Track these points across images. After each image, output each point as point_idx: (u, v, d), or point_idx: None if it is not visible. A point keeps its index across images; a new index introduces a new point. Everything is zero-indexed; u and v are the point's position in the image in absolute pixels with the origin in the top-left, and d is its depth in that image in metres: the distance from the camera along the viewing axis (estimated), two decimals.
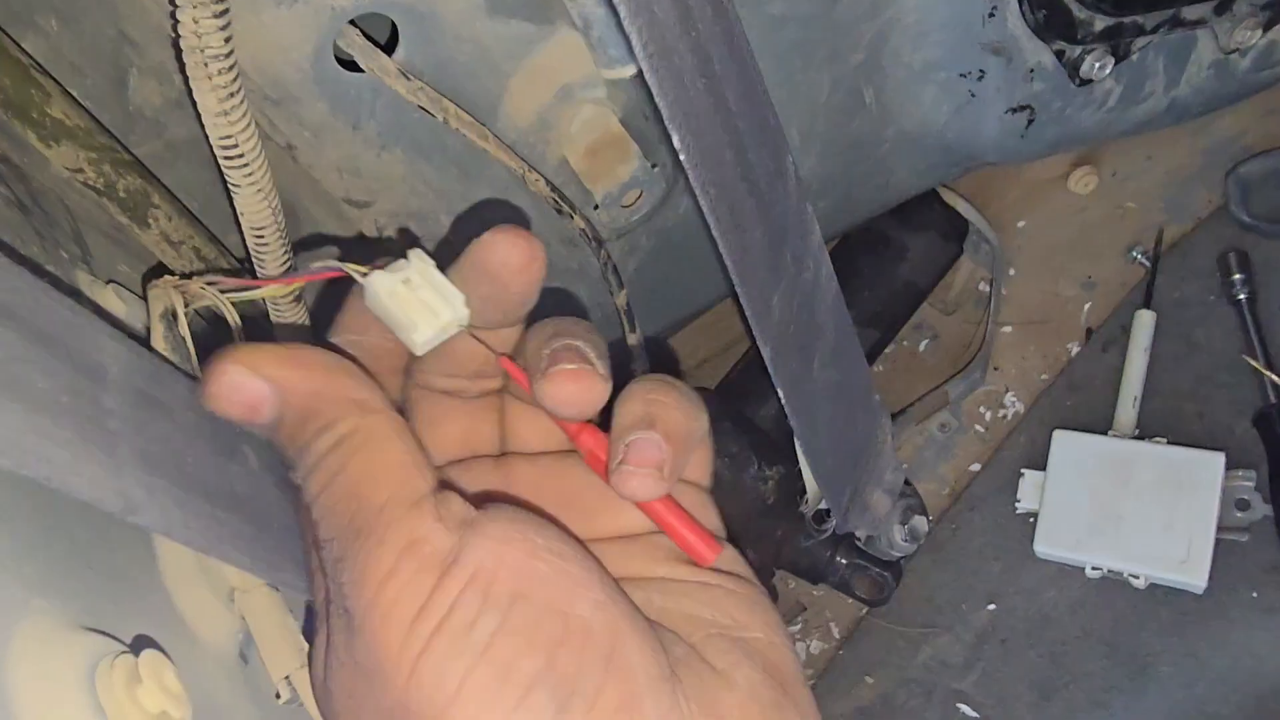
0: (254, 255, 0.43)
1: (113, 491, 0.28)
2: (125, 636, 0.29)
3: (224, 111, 0.37)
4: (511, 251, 0.31)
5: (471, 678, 0.26)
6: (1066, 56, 0.66)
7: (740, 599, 0.32)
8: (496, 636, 0.27)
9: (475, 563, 0.27)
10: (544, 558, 0.28)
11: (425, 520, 0.28)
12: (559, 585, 0.28)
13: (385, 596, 0.27)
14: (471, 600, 0.27)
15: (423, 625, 0.27)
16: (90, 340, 0.31)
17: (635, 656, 0.28)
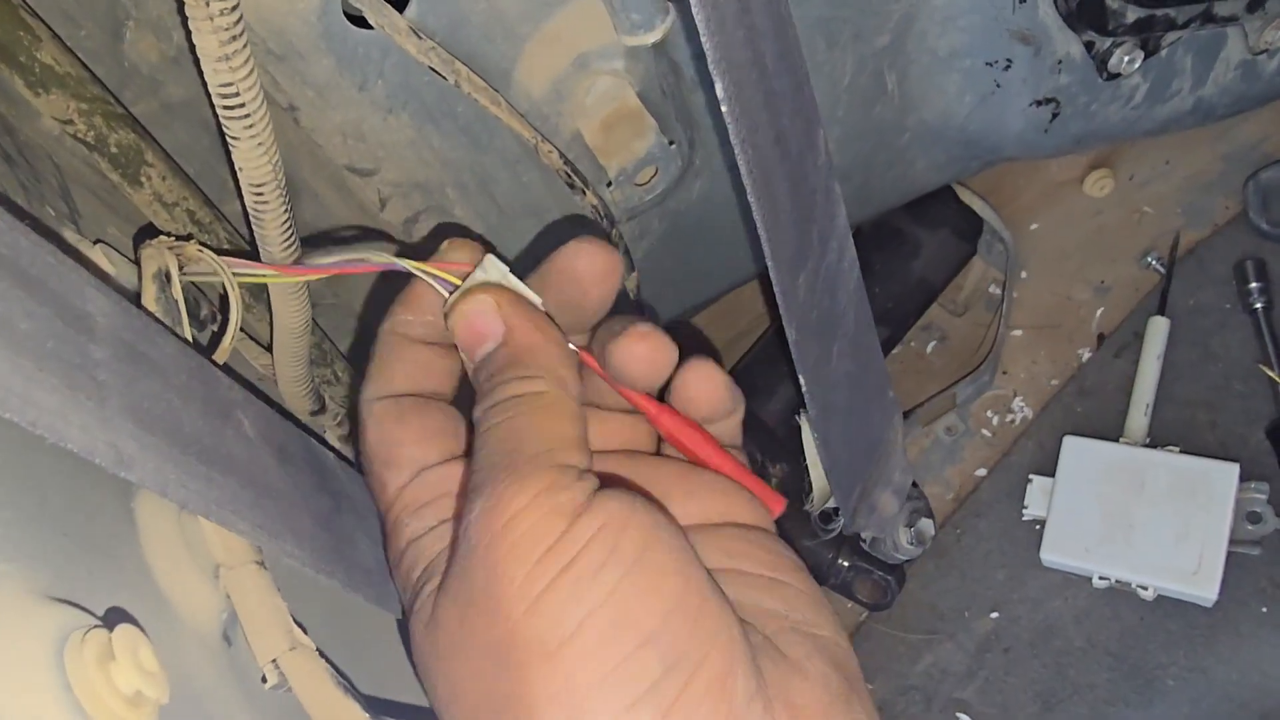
0: (253, 215, 0.41)
1: (103, 442, 0.25)
2: (98, 609, 0.27)
3: (225, 56, 0.35)
4: (595, 259, 0.35)
5: (590, 620, 0.27)
6: (1096, 49, 0.64)
7: (808, 598, 0.34)
8: (621, 585, 0.28)
9: (607, 515, 0.29)
10: (670, 529, 0.30)
11: (568, 474, 0.30)
12: (681, 553, 0.29)
13: (516, 529, 0.28)
14: (600, 548, 0.28)
15: (550, 562, 0.28)
16: (76, 289, 0.29)
17: (735, 635, 0.29)
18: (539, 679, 0.27)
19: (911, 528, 0.80)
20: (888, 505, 0.71)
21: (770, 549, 0.35)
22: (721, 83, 0.32)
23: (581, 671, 0.27)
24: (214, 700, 0.31)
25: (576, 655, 0.27)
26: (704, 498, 0.36)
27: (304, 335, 0.48)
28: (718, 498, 0.36)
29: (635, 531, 0.29)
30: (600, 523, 0.29)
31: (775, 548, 0.36)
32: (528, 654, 0.27)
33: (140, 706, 0.25)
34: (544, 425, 0.31)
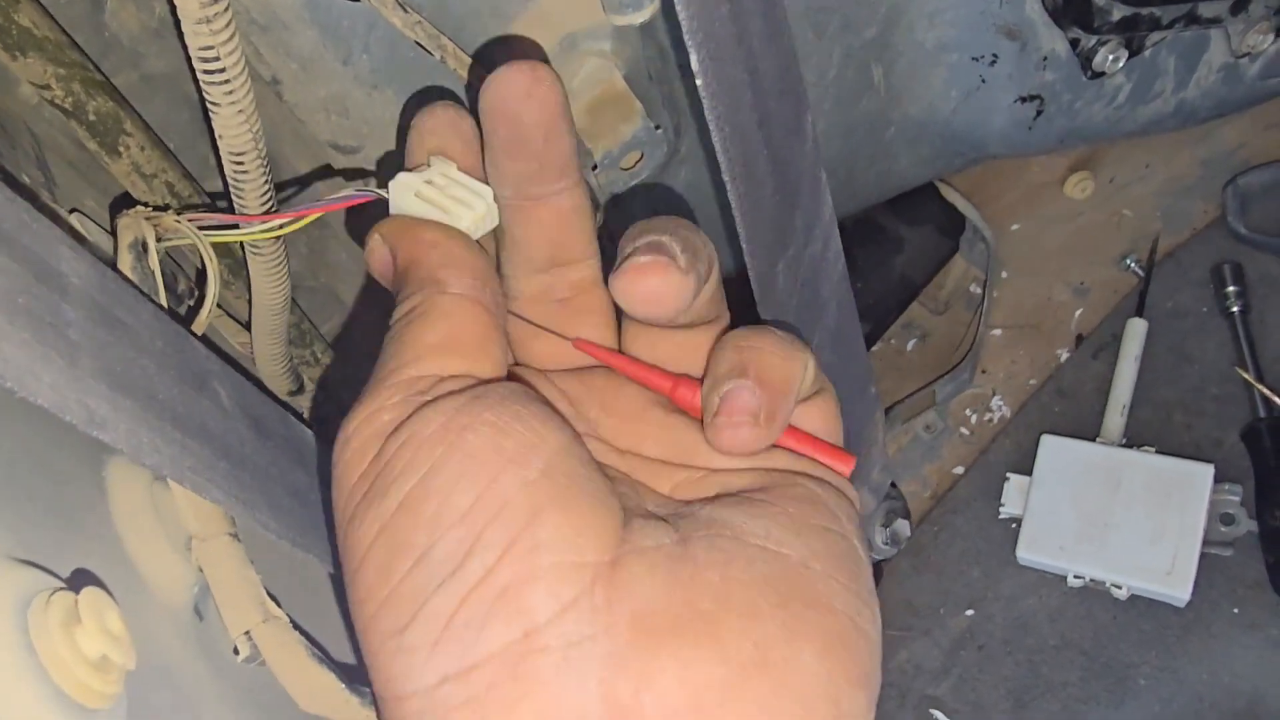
0: (232, 186, 0.40)
1: (75, 401, 0.25)
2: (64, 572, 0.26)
3: (206, 19, 0.34)
4: (512, 78, 0.31)
5: (373, 546, 0.27)
6: (1081, 46, 0.64)
7: (798, 524, 0.29)
8: (402, 506, 0.27)
9: (410, 431, 0.27)
10: (481, 431, 0.27)
11: (396, 393, 0.29)
12: (483, 458, 0.27)
13: (345, 453, 0.29)
14: (396, 465, 0.27)
15: (359, 486, 0.28)
16: (49, 248, 0.28)
17: (549, 537, 0.26)
18: (350, 589, 0.27)
19: (887, 528, 0.80)
20: (865, 504, 0.71)
21: (796, 480, 0.31)
22: (696, 55, 0.32)
23: (365, 603, 0.26)
24: (184, 672, 0.30)
25: (365, 577, 0.27)
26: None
27: (283, 312, 0.47)
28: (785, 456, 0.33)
29: (433, 442, 0.27)
30: (405, 437, 0.27)
31: (799, 490, 0.31)
32: (345, 567, 0.28)
33: (106, 671, 0.24)
34: (404, 340, 0.30)
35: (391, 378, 0.29)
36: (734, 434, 0.29)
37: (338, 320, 0.63)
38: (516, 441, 0.27)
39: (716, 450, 0.30)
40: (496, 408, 0.28)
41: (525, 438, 0.27)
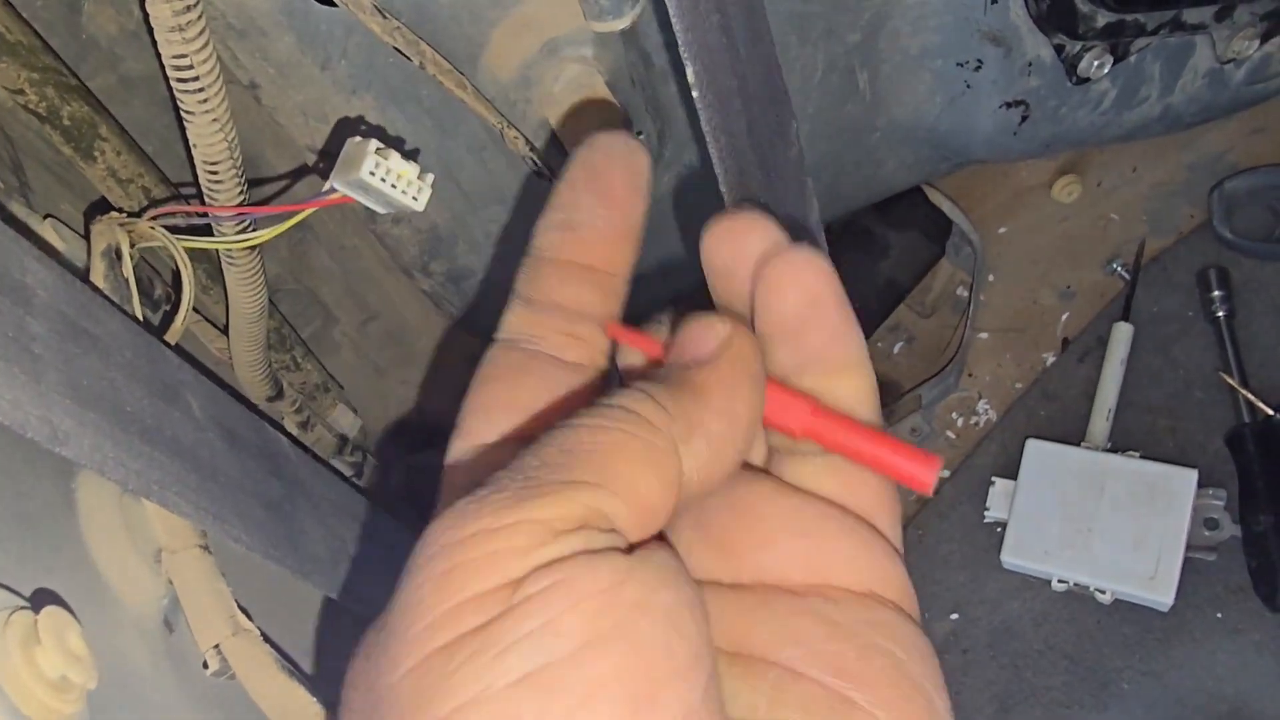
0: (207, 194, 0.40)
1: (37, 417, 0.25)
2: (26, 591, 0.26)
3: (179, 27, 0.34)
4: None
5: (462, 714, 0.20)
6: (1066, 52, 0.64)
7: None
8: (526, 681, 0.20)
9: (566, 577, 0.21)
10: (655, 618, 0.21)
11: (571, 513, 0.22)
12: (652, 659, 0.21)
13: (463, 553, 0.21)
14: (526, 619, 0.20)
15: (468, 613, 0.21)
16: (14, 260, 0.28)
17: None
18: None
19: None
20: None
21: (873, 645, 0.25)
22: (692, 67, 0.31)
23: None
24: (152, 687, 0.30)
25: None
26: (810, 544, 0.26)
27: (260, 319, 0.47)
28: (828, 547, 0.26)
29: (591, 609, 0.21)
30: (550, 581, 0.21)
31: (884, 646, 0.25)
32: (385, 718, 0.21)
33: (66, 691, 0.24)
34: (623, 459, 0.23)
35: (580, 492, 0.22)
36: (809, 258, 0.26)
37: (318, 324, 0.62)
38: (687, 648, 0.21)
39: (789, 283, 0.26)
40: (672, 587, 0.22)
41: (695, 642, 0.21)
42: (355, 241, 0.60)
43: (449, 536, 0.21)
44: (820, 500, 0.27)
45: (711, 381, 0.25)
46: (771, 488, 0.27)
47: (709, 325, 0.26)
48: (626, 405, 0.24)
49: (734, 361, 0.25)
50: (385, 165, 0.31)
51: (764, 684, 0.24)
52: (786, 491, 0.27)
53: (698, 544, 0.27)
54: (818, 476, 0.27)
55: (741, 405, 0.25)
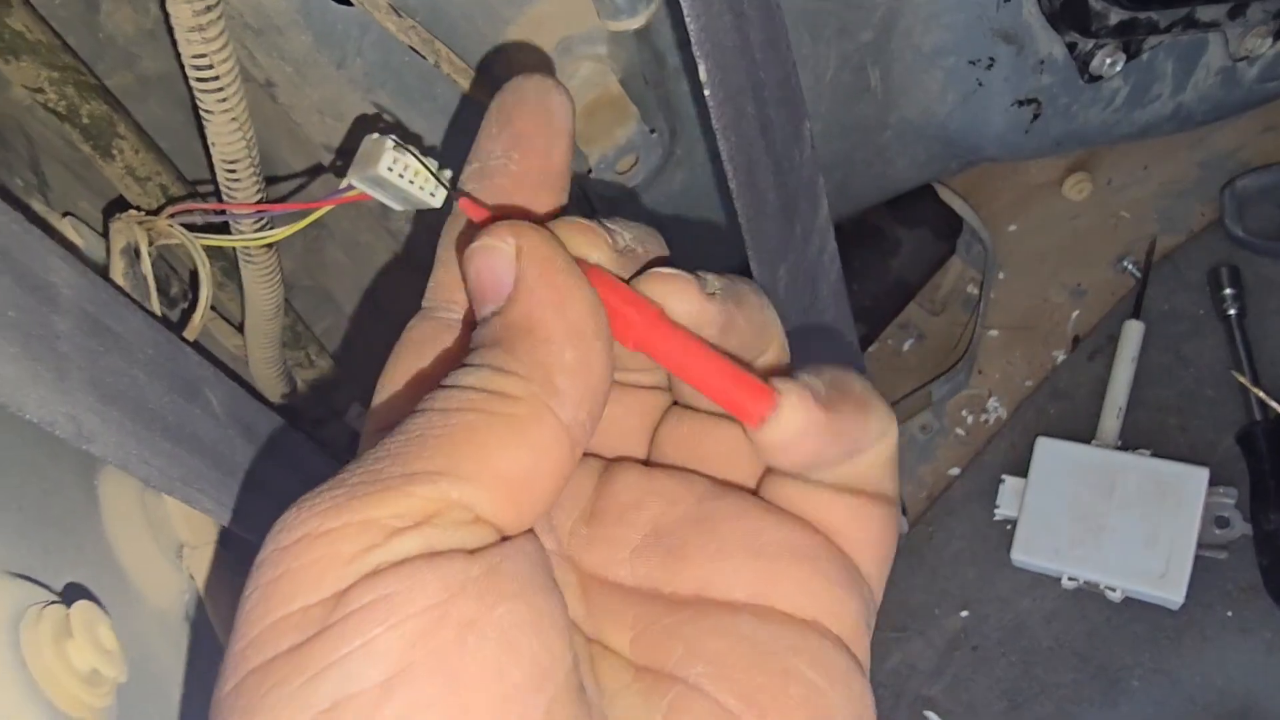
0: (225, 192, 0.40)
1: (63, 415, 0.25)
2: (56, 585, 0.26)
3: (199, 27, 0.34)
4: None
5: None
6: (1078, 50, 0.64)
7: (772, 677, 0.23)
8: (334, 710, 0.18)
9: (395, 589, 0.19)
10: (486, 639, 0.19)
11: (413, 508, 0.20)
12: (474, 689, 0.19)
13: (293, 559, 0.19)
14: (347, 641, 0.18)
15: (289, 627, 0.19)
16: (39, 259, 0.28)
17: None
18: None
19: None
20: None
21: (791, 672, 0.23)
22: (704, 65, 0.31)
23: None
24: (175, 680, 0.30)
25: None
26: (760, 565, 0.25)
27: (276, 316, 0.47)
28: (779, 569, 0.25)
29: (411, 630, 0.19)
30: (375, 596, 0.19)
31: (805, 674, 0.24)
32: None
33: (97, 685, 0.24)
34: (478, 440, 0.21)
35: (423, 483, 0.20)
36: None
37: (332, 320, 0.63)
38: (523, 672, 0.19)
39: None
40: (514, 599, 0.20)
41: (535, 666, 0.20)
42: (369, 239, 0.60)
43: (279, 540, 0.20)
44: (795, 524, 0.25)
45: (536, 310, 0.23)
46: (740, 504, 0.26)
47: (492, 251, 0.23)
48: (473, 383, 0.22)
49: (544, 274, 0.23)
50: (403, 161, 0.32)
51: (662, 701, 0.23)
52: (757, 510, 0.26)
53: (648, 549, 0.25)
54: (806, 502, 0.26)
55: (576, 312, 0.23)
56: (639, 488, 0.26)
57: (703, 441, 0.27)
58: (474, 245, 0.24)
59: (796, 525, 0.25)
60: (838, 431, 0.24)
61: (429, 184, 0.32)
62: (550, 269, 0.23)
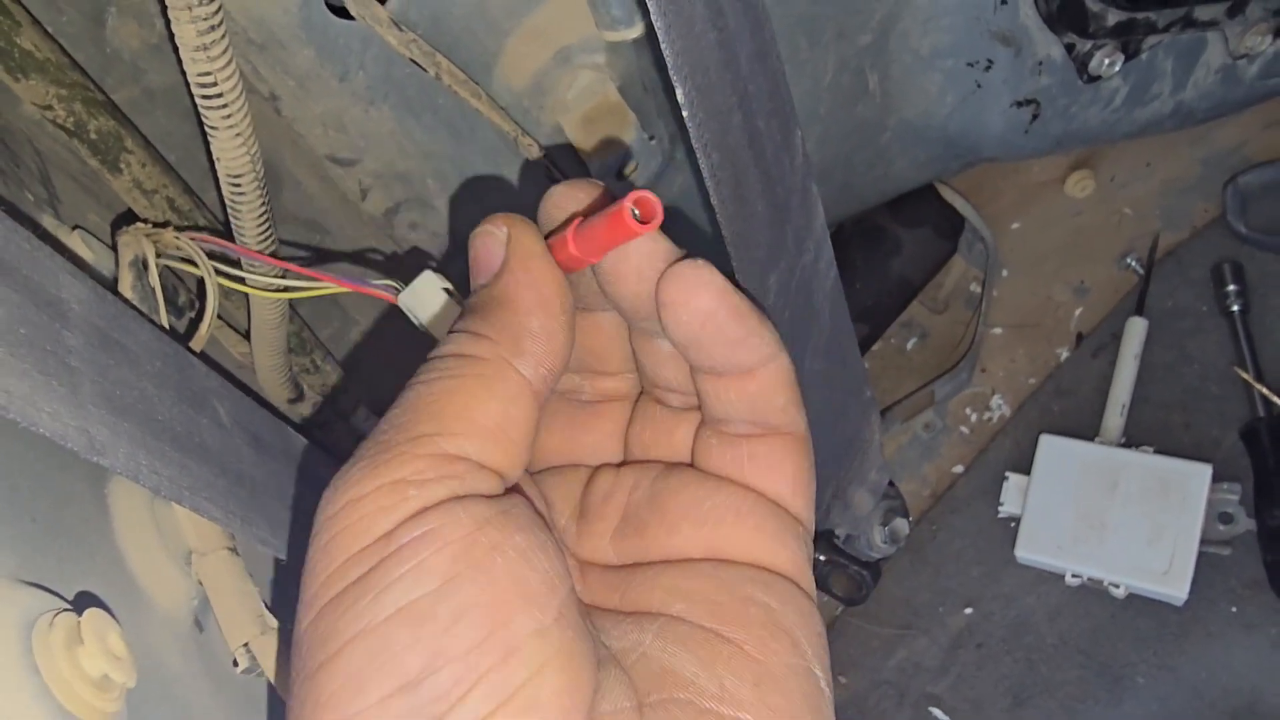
0: (230, 206, 0.41)
1: (75, 428, 0.26)
2: (68, 594, 0.27)
3: (203, 46, 0.35)
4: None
5: (353, 645, 0.23)
6: (1076, 51, 0.65)
7: (756, 670, 0.27)
8: (405, 611, 0.23)
9: (431, 525, 0.24)
10: (509, 556, 0.24)
11: (429, 467, 0.25)
12: (506, 589, 0.24)
13: (345, 519, 0.24)
14: (400, 562, 0.23)
15: (352, 567, 0.24)
16: (50, 275, 0.29)
17: (547, 697, 0.24)
18: (298, 699, 0.23)
19: (886, 526, 0.81)
20: (862, 503, 0.72)
21: (746, 609, 0.28)
22: (682, 87, 0.32)
23: (328, 704, 0.23)
24: (184, 685, 0.31)
25: (328, 682, 0.23)
26: (708, 530, 0.29)
27: (281, 325, 0.48)
28: (724, 532, 0.30)
29: (455, 550, 0.24)
30: (420, 531, 0.24)
31: (755, 610, 0.28)
32: (299, 667, 0.24)
33: (107, 690, 0.25)
34: (454, 399, 0.26)
35: (425, 444, 0.25)
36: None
37: (337, 325, 0.64)
38: (539, 579, 0.24)
39: None
40: (526, 531, 0.25)
41: (547, 576, 0.25)
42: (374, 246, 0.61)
43: (326, 511, 0.25)
44: (726, 488, 0.30)
45: (511, 285, 0.28)
46: (682, 480, 0.31)
47: (489, 235, 0.29)
48: (449, 351, 0.27)
49: (523, 257, 0.28)
50: (449, 308, 0.34)
51: (651, 626, 0.28)
52: (695, 482, 0.30)
53: (621, 532, 0.31)
54: (733, 465, 0.30)
55: (545, 289, 0.28)
56: (610, 483, 0.31)
57: (658, 438, 0.32)
58: (477, 230, 0.29)
59: (727, 488, 0.30)
60: (734, 307, 0.28)
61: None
62: (528, 254, 0.29)
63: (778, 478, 0.30)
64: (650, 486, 0.31)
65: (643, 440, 0.32)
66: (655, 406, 0.32)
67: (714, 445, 0.31)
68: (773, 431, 0.30)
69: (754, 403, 0.30)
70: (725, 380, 0.29)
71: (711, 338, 0.28)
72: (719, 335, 0.28)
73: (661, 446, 0.32)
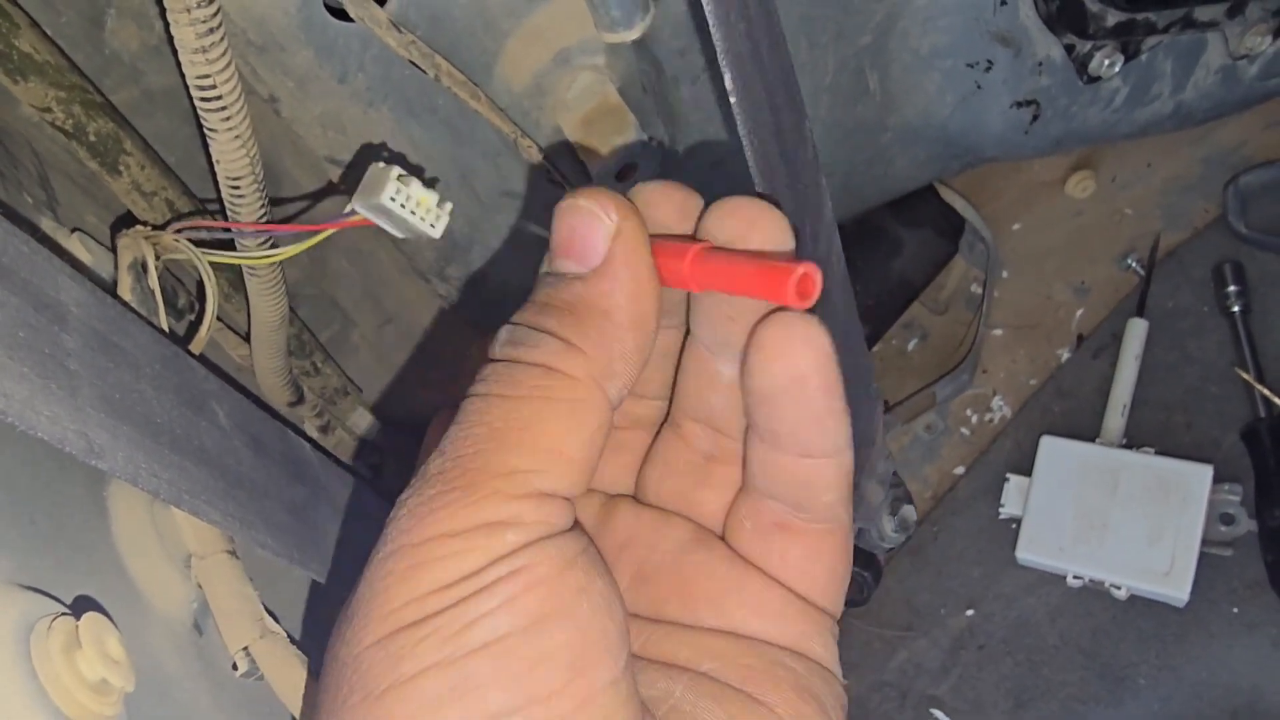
0: (229, 208, 0.41)
1: (74, 432, 0.26)
2: (66, 597, 0.27)
3: (202, 49, 0.35)
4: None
5: (432, 674, 0.23)
6: (1076, 52, 0.65)
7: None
8: (486, 649, 0.23)
9: (523, 563, 0.23)
10: (594, 602, 0.24)
11: (532, 508, 0.24)
12: (588, 638, 0.24)
13: (429, 553, 0.23)
14: (490, 598, 0.23)
15: (434, 599, 0.23)
16: (49, 278, 0.29)
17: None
18: (353, 717, 0.23)
19: (895, 515, 0.81)
20: (873, 495, 0.72)
21: (774, 671, 0.28)
22: (730, 73, 0.31)
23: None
24: (183, 688, 0.31)
25: (398, 706, 0.22)
26: (744, 605, 0.29)
27: (281, 327, 0.48)
28: (759, 609, 0.29)
29: (544, 592, 0.23)
30: (509, 570, 0.23)
31: (784, 672, 0.28)
32: (357, 684, 0.23)
33: (105, 694, 0.25)
34: (548, 430, 0.24)
35: (520, 483, 0.24)
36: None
37: (337, 328, 0.64)
38: (616, 629, 0.24)
39: None
40: (605, 577, 0.25)
41: (621, 627, 0.25)
42: (372, 246, 0.61)
43: (408, 539, 0.24)
44: (757, 579, 0.29)
45: (616, 293, 0.25)
46: (709, 560, 0.29)
47: (594, 217, 0.26)
48: (538, 360, 0.25)
49: (633, 263, 0.25)
50: (406, 192, 0.32)
51: (681, 678, 0.27)
52: (723, 567, 0.29)
53: (635, 590, 0.29)
54: (764, 557, 0.29)
55: (646, 304, 0.26)
56: (629, 530, 0.30)
57: (682, 490, 0.30)
58: (579, 203, 0.26)
59: (756, 581, 0.29)
60: (830, 380, 0.26)
61: (429, 215, 0.33)
62: (637, 259, 0.26)
63: (811, 579, 0.29)
64: (674, 556, 0.29)
65: (662, 489, 0.31)
66: (679, 447, 0.30)
67: (748, 529, 0.29)
68: (811, 522, 0.29)
69: (803, 490, 0.28)
70: (781, 455, 0.27)
71: (794, 401, 0.26)
72: (801, 402, 0.26)
73: (680, 502, 0.30)
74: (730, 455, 0.30)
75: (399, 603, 0.23)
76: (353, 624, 0.24)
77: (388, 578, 0.23)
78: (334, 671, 0.24)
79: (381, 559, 0.24)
